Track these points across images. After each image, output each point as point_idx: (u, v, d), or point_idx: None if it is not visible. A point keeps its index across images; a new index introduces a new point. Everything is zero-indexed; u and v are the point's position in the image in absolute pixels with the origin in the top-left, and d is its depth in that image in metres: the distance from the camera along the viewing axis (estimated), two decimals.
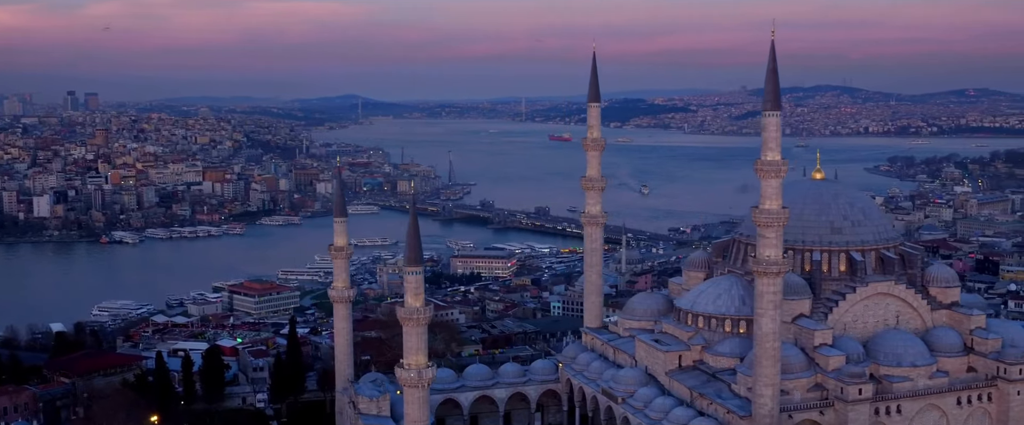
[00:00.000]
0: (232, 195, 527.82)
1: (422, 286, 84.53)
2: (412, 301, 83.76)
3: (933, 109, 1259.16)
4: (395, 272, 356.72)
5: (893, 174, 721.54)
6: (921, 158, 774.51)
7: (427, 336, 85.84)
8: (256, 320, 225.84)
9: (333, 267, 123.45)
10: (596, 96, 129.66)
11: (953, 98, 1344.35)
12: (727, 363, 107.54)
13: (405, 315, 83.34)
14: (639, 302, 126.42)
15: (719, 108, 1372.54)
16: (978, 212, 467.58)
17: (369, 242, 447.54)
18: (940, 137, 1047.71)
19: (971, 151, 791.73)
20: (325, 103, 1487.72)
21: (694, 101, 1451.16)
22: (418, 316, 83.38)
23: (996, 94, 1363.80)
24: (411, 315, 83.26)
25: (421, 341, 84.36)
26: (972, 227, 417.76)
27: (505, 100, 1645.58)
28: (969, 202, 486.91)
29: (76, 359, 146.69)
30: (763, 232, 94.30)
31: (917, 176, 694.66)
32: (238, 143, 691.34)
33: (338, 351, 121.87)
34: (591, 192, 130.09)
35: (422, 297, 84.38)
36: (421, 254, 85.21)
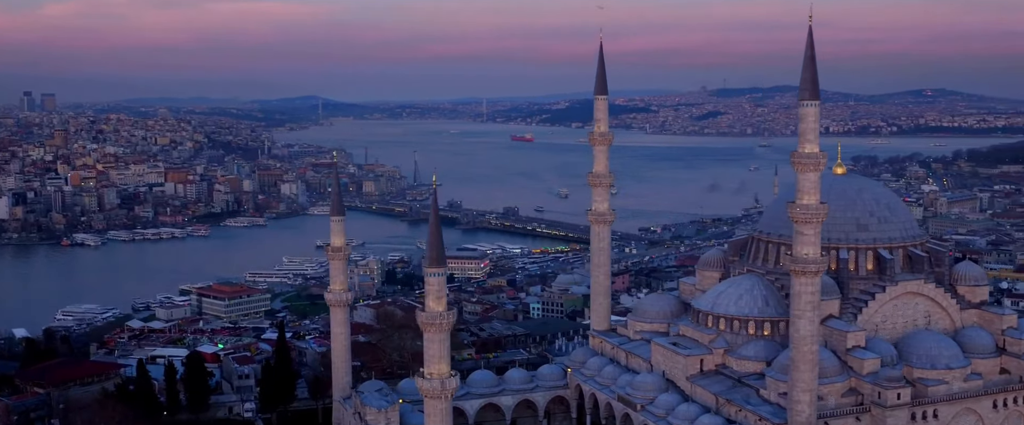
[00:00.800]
0: (195, 196, 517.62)
1: (445, 289, 78.43)
2: (434, 305, 77.42)
3: (892, 109, 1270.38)
4: (366, 273, 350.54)
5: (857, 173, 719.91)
6: (884, 157, 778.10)
7: (449, 343, 79.52)
8: (236, 324, 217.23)
9: (330, 269, 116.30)
10: (603, 89, 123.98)
11: (911, 98, 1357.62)
12: (753, 367, 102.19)
13: (427, 320, 76.97)
14: (650, 303, 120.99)
15: (680, 108, 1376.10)
16: (948, 210, 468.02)
17: None
18: (900, 137, 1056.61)
19: (932, 150, 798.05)
20: (285, 104, 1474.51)
21: (655, 101, 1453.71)
22: (441, 321, 77.07)
23: (953, 94, 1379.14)
24: (433, 320, 76.93)
25: (444, 348, 78.16)
26: (944, 225, 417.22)
27: (466, 101, 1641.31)
28: (938, 200, 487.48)
29: (50, 368, 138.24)
30: (801, 229, 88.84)
31: (881, 175, 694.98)
32: (199, 144, 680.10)
33: (336, 357, 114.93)
34: (598, 189, 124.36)
35: (445, 300, 78.06)
36: (443, 255, 78.98)
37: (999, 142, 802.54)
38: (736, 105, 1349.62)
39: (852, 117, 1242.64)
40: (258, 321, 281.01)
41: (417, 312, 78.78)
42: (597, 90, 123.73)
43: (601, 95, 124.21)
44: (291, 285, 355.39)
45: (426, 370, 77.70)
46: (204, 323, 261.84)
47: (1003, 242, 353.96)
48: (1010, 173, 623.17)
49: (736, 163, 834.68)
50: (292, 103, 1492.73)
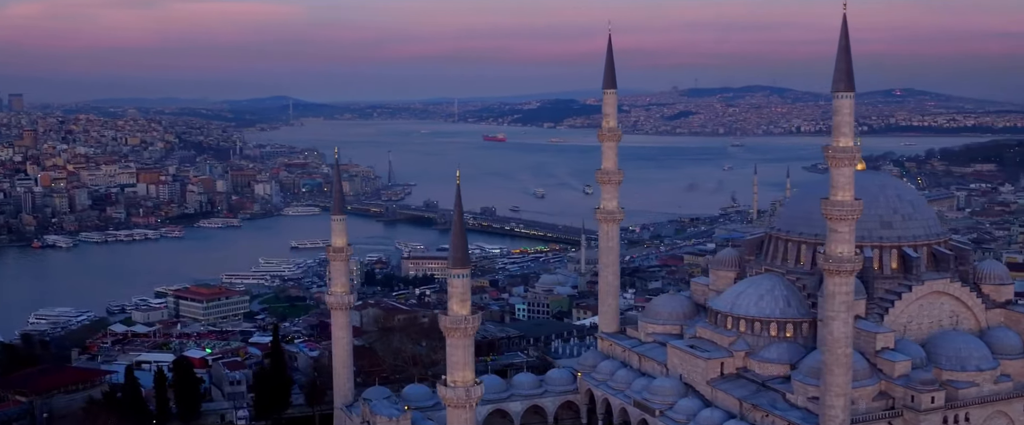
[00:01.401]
0: (168, 197, 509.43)
1: (469, 291, 73.67)
2: (458, 308, 72.76)
3: (862, 109, 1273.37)
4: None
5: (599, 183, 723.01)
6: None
7: (473, 348, 74.90)
8: (216, 327, 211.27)
9: (331, 270, 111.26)
10: (612, 82, 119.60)
11: (880, 98, 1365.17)
12: (777, 370, 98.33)
13: (451, 324, 72.29)
14: (662, 304, 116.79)
15: (652, 108, 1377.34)
16: None
17: (310, 244, 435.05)
18: (870, 136, 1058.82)
19: (904, 150, 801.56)
20: (254, 104, 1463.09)
21: (626, 101, 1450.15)
22: (466, 326, 72.41)
23: (922, 94, 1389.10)
24: (458, 325, 72.27)
25: (468, 354, 73.52)
26: None
27: (437, 101, 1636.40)
28: None
29: (33, 375, 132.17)
30: (835, 226, 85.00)
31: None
32: (170, 144, 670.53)
33: (337, 363, 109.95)
34: (608, 186, 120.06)
35: (469, 304, 73.43)
36: (467, 255, 74.29)
37: (971, 141, 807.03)
38: (707, 105, 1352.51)
39: (823, 116, 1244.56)
40: (237, 323, 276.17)
41: (440, 316, 74.02)
42: (606, 84, 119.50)
43: (610, 89, 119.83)
44: (268, 287, 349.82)
45: (449, 378, 73.06)
46: (182, 326, 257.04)
47: (985, 240, 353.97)
48: (983, 172, 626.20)
49: (710, 163, 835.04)
50: (262, 103, 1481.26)
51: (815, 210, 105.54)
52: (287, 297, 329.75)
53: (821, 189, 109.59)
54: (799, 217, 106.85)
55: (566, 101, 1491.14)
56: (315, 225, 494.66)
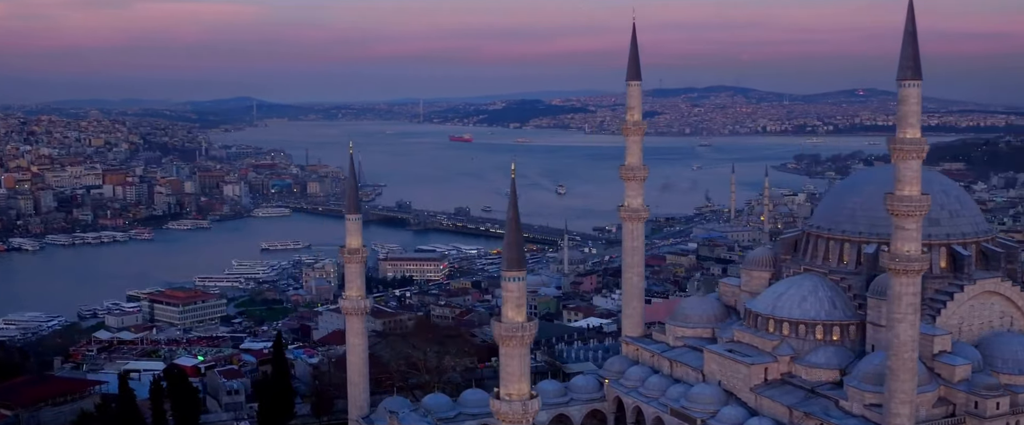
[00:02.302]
0: (135, 198, 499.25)
1: (524, 296, 67.13)
2: (514, 314, 66.25)
3: (826, 108, 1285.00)
4: (322, 277, 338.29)
5: (801, 171, 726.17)
6: (825, 155, 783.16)
7: (529, 358, 68.50)
8: (213, 334, 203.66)
9: (346, 273, 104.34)
10: (636, 73, 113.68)
11: (843, 97, 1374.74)
12: (825, 376, 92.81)
13: (507, 332, 65.80)
14: (692, 307, 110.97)
15: (618, 108, 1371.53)
16: None
17: (281, 246, 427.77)
18: (835, 135, 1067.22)
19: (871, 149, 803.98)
20: (218, 105, 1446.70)
21: (592, 102, 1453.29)
22: (523, 334, 65.99)
23: (884, 93, 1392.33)
24: (514, 332, 65.76)
25: (524, 365, 67.05)
26: None
27: (402, 101, 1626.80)
28: None
29: (18, 386, 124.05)
30: (901, 223, 79.50)
31: (826, 173, 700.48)
32: (135, 145, 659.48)
33: (352, 372, 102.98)
34: (632, 183, 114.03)
35: (524, 309, 67.01)
36: (523, 255, 67.72)
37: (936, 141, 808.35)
38: (672, 105, 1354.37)
39: (788, 116, 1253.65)
40: (214, 328, 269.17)
41: (494, 323, 67.58)
42: (630, 75, 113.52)
43: (634, 81, 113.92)
44: (243, 289, 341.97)
45: (504, 390, 66.61)
46: (158, 330, 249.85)
47: None
48: (952, 171, 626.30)
49: (679, 162, 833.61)
50: (225, 104, 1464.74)
51: (858, 206, 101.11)
52: (263, 300, 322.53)
53: (862, 185, 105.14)
54: (841, 214, 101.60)
55: (532, 101, 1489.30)
56: (285, 226, 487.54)
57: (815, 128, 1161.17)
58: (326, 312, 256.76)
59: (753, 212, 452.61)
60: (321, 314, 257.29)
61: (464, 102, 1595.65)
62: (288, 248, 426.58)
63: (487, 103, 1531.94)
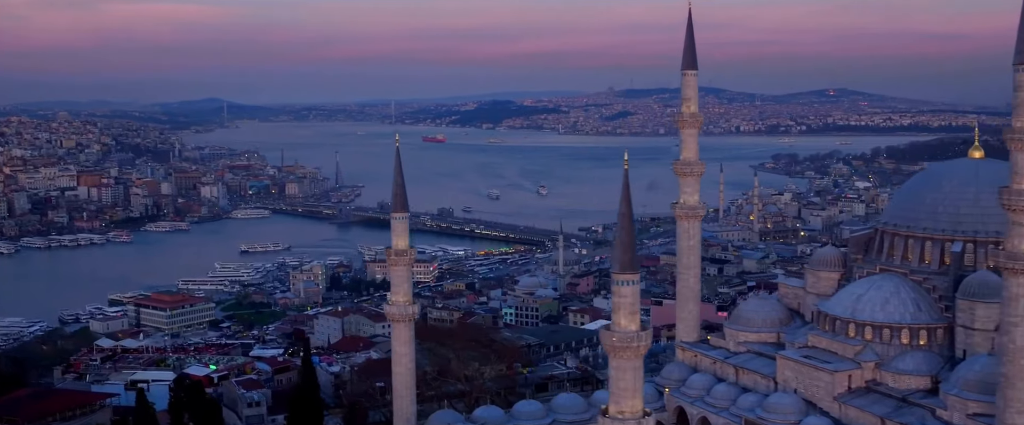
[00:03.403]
0: (111, 200, 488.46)
1: (638, 302, 60.06)
2: (627, 322, 59.22)
3: (799, 109, 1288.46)
4: (310, 279, 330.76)
5: (779, 171, 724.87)
6: (803, 155, 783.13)
7: (643, 371, 61.41)
8: (223, 341, 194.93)
9: (391, 276, 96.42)
10: (692, 62, 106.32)
11: (815, 98, 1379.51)
12: (915, 383, 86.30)
13: (620, 343, 58.78)
14: (754, 310, 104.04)
15: (590, 109, 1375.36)
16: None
17: (261, 248, 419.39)
18: (808, 135, 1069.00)
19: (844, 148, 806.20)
20: (187, 106, 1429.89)
21: (564, 102, 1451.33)
22: (638, 344, 59.00)
23: (855, 94, 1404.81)
24: (628, 343, 58.76)
25: (639, 378, 60.15)
26: None
27: (373, 102, 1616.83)
28: (879, 197, 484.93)
29: (21, 400, 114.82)
30: (1018, 219, 72.89)
31: (805, 172, 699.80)
32: (107, 146, 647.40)
33: (399, 384, 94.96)
34: (688, 179, 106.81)
35: (638, 316, 59.93)
36: (636, 257, 60.61)
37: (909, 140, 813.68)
38: (645, 105, 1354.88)
39: (760, 116, 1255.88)
40: (202, 332, 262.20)
41: (602, 332, 60.58)
42: (685, 64, 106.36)
43: (690, 70, 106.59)
44: (229, 293, 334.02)
45: (614, 407, 59.60)
46: (144, 335, 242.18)
47: None
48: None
49: (656, 162, 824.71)
50: (194, 105, 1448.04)
51: (940, 202, 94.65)
52: (250, 303, 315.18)
53: (942, 180, 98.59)
54: (920, 210, 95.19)
55: (504, 102, 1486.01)
56: (265, 228, 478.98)
57: (788, 128, 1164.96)
58: (322, 316, 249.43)
59: (742, 212, 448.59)
60: (317, 318, 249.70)
61: (436, 103, 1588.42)
62: (268, 250, 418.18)
63: (459, 104, 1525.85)
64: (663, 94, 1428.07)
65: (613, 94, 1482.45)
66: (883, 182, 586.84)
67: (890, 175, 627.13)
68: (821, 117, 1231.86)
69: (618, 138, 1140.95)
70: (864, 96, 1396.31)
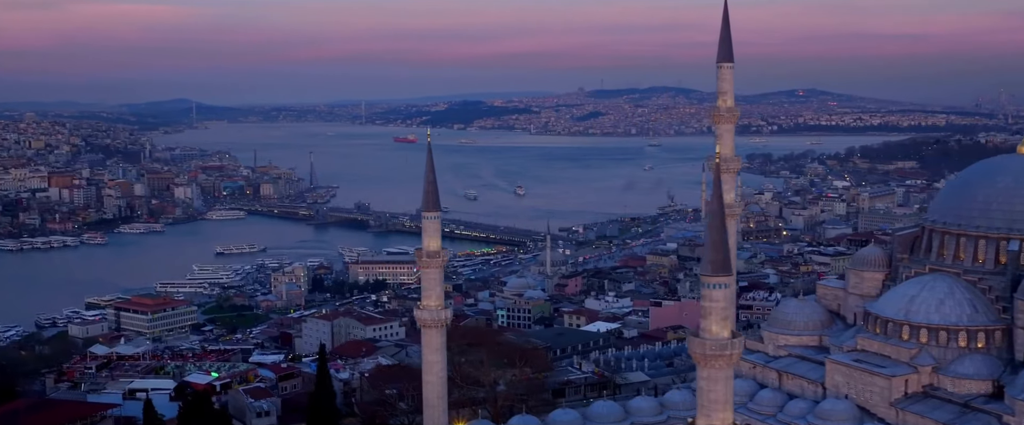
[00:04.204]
0: (84, 202, 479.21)
1: (731, 306, 55.59)
2: (718, 329, 54.66)
3: (769, 109, 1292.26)
4: (292, 281, 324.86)
5: (754, 170, 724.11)
6: (777, 155, 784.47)
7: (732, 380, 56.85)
8: (222, 347, 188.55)
9: (422, 279, 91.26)
10: (728, 54, 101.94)
11: (784, 98, 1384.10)
12: (975, 387, 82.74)
13: (712, 351, 54.17)
14: (795, 312, 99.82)
15: (561, 109, 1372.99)
16: (871, 205, 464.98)
17: (236, 249, 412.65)
18: (780, 135, 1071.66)
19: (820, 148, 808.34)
20: (155, 107, 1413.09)
21: (535, 103, 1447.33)
22: (731, 352, 54.45)
23: (824, 94, 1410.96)
24: (721, 351, 54.18)
25: (730, 389, 55.53)
26: (874, 220, 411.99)
27: (342, 103, 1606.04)
28: (860, 196, 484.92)
29: (20, 413, 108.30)
30: None
31: (780, 172, 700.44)
32: (76, 147, 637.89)
33: (430, 393, 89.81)
34: (725, 176, 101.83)
35: (731, 322, 55.46)
36: (729, 259, 56.10)
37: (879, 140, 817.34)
38: (615, 106, 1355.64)
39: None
40: (184, 336, 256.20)
41: (690, 340, 55.99)
42: (721, 57, 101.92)
43: (726, 62, 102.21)
44: (209, 295, 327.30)
45: (703, 420, 55.01)
46: (125, 340, 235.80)
47: None
48: (905, 169, 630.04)
49: (630, 162, 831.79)
50: (162, 106, 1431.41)
51: (993, 199, 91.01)
52: (231, 306, 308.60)
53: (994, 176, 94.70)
54: (972, 208, 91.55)
55: (474, 102, 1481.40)
56: (241, 229, 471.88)
57: (760, 128, 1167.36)
58: (310, 319, 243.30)
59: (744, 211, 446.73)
60: (304, 321, 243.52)
61: (406, 103, 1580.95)
62: (244, 252, 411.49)
63: (429, 104, 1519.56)
64: (633, 94, 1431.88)
65: (583, 94, 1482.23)
66: (859, 181, 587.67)
67: (865, 174, 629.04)
68: (792, 117, 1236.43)
69: (590, 138, 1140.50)
70: (833, 96, 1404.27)
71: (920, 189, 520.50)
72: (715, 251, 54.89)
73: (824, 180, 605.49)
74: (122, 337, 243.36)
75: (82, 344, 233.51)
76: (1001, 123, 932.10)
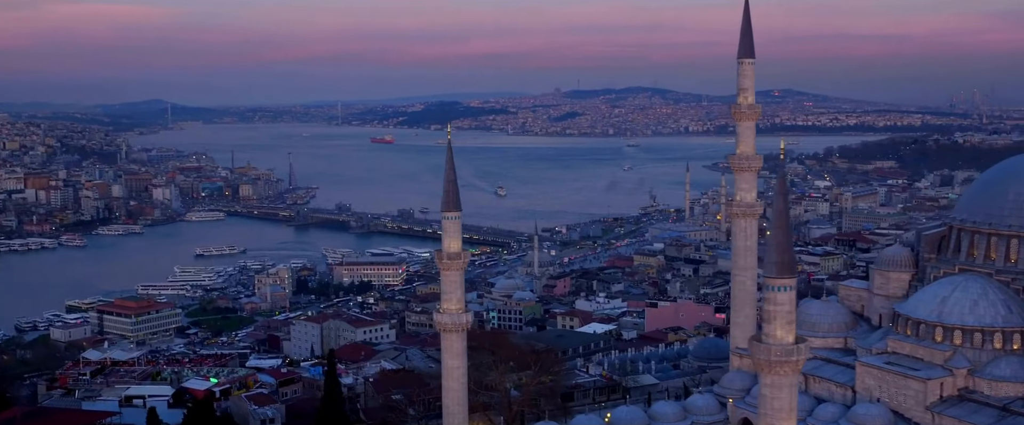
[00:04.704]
0: (61, 203, 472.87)
1: (795, 310, 53.06)
2: (783, 334, 52.15)
3: None
4: (277, 283, 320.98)
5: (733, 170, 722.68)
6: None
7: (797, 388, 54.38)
8: (219, 351, 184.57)
9: (442, 282, 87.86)
10: (749, 50, 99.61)
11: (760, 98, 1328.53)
12: (1013, 390, 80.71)
13: (776, 358, 51.74)
14: (819, 314, 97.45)
15: (537, 110, 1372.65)
16: (853, 205, 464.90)
17: (216, 251, 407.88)
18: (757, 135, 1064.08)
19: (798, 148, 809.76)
20: (130, 108, 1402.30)
21: (511, 103, 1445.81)
22: (797, 358, 51.98)
23: (799, 94, 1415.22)
24: (786, 357, 51.73)
25: (794, 396, 53.22)
26: (858, 220, 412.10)
27: (318, 104, 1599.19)
28: (843, 196, 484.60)
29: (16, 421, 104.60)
30: None
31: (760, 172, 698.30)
32: (52, 148, 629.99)
33: (450, 400, 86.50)
34: (746, 174, 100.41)
35: (794, 327, 52.96)
36: (794, 260, 53.60)
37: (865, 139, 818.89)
38: (592, 106, 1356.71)
39: (708, 116, 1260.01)
40: (169, 339, 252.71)
41: (753, 345, 53.41)
42: (742, 52, 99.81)
43: (747, 58, 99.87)
44: (191, 298, 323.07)
45: None
46: (108, 344, 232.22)
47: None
48: (884, 168, 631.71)
49: (609, 163, 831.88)
50: (137, 107, 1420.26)
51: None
52: (215, 308, 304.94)
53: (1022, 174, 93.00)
54: (1003, 206, 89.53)
55: (451, 103, 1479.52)
56: (221, 231, 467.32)
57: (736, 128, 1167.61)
58: (299, 322, 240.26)
59: (708, 211, 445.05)
60: (292, 324, 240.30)
61: (382, 104, 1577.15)
62: (224, 253, 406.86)
63: (406, 105, 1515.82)
64: (609, 95, 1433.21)
65: (560, 95, 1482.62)
66: (839, 181, 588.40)
67: (845, 174, 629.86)
68: (768, 117, 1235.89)
69: (568, 139, 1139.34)
70: (808, 96, 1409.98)
71: (902, 189, 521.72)
72: (780, 252, 52.47)
73: (804, 180, 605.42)
74: (106, 341, 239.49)
75: (65, 348, 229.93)
76: (976, 123, 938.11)
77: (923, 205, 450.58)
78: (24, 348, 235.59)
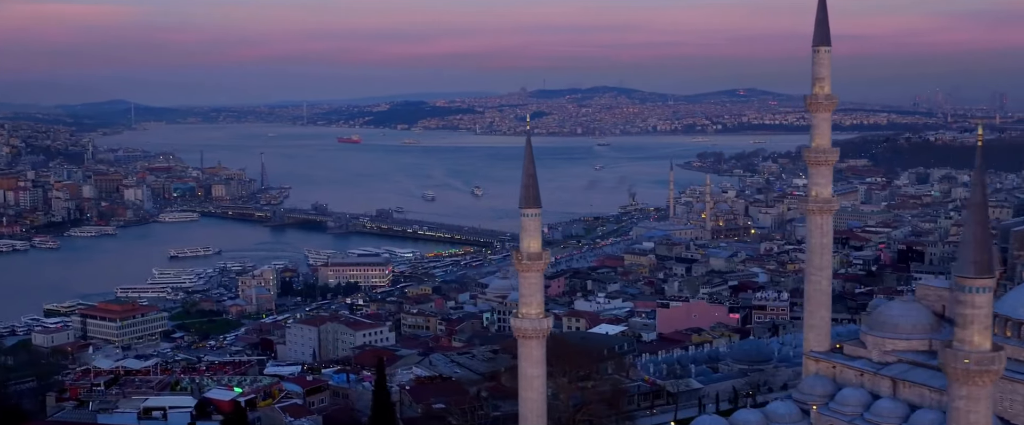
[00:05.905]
0: (31, 204, 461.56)
1: (991, 315, 47.50)
2: (979, 339, 46.60)
3: (712, 108, 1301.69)
4: (262, 285, 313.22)
5: (707, 169, 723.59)
6: (729, 154, 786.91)
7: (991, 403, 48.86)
8: (235, 358, 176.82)
9: (520, 284, 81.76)
10: (825, 37, 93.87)
11: (726, 98, 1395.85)
12: None
13: (978, 366, 46.16)
14: (901, 315, 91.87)
15: (504, 109, 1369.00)
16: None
17: (191, 252, 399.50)
18: (724, 134, 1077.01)
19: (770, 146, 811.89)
20: (92, 108, 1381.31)
21: (478, 103, 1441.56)
22: (997, 368, 46.40)
23: (764, 94, 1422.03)
24: (987, 365, 46.12)
25: (989, 409, 47.48)
26: (843, 218, 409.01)
27: (283, 104, 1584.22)
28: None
29: None
30: None
31: (734, 171, 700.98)
32: (16, 149, 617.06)
33: (528, 410, 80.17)
34: (821, 168, 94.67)
35: (990, 332, 47.42)
36: (993, 259, 48.02)
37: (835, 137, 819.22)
38: (559, 106, 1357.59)
39: (675, 116, 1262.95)
40: (154, 343, 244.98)
41: (945, 353, 48.02)
42: (817, 40, 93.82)
43: (824, 46, 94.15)
44: (173, 300, 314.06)
45: None
46: (93, 348, 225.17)
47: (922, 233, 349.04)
48: (857, 167, 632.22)
49: (581, 162, 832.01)
50: (100, 107, 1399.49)
51: None
52: (199, 311, 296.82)
53: None
54: None
55: (417, 103, 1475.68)
56: (194, 232, 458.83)
57: (704, 127, 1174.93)
58: (294, 325, 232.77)
59: (692, 210, 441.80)
60: (287, 327, 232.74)
61: (348, 104, 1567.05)
62: (199, 254, 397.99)
63: (372, 105, 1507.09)
64: (575, 94, 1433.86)
65: (526, 95, 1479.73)
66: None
67: None
68: (735, 116, 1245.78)
69: (537, 138, 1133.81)
70: (773, 95, 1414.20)
71: (881, 187, 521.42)
72: (979, 250, 46.99)
73: (779, 178, 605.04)
74: (90, 345, 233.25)
75: (49, 353, 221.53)
76: (941, 122, 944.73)
77: (907, 203, 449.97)
78: (4, 354, 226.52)
